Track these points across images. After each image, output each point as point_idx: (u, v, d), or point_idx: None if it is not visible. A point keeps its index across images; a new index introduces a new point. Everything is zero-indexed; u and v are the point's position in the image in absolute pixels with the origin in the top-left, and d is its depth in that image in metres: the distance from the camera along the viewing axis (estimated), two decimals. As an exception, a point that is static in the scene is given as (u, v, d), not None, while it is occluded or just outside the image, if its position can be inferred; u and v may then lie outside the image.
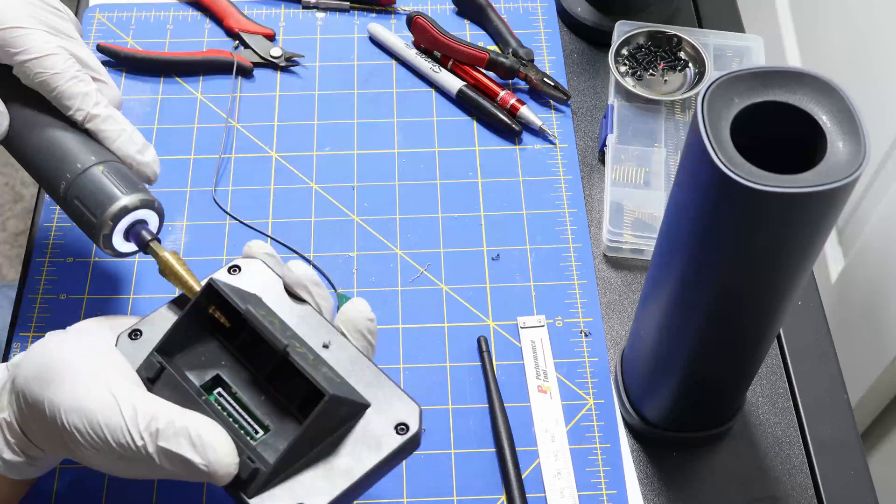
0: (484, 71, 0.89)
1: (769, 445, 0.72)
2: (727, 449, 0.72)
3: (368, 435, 0.56)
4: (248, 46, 0.92)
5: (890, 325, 1.01)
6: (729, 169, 0.49)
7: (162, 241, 0.65)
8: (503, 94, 0.88)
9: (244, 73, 0.91)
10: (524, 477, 0.69)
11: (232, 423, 0.56)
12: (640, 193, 0.81)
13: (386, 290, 0.78)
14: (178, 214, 0.82)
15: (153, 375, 0.57)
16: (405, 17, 0.92)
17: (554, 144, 0.87)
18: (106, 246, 0.64)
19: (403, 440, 0.56)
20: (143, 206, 0.63)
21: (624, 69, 0.87)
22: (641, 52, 0.88)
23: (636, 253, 0.80)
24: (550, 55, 0.93)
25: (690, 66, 0.87)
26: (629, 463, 0.71)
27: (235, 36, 0.93)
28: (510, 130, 0.87)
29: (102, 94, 0.68)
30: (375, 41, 0.94)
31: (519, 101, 0.87)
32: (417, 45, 0.92)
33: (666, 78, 0.87)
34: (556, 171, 0.85)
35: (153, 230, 0.65)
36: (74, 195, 0.63)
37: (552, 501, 0.69)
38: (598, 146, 0.87)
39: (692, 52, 0.87)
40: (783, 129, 0.52)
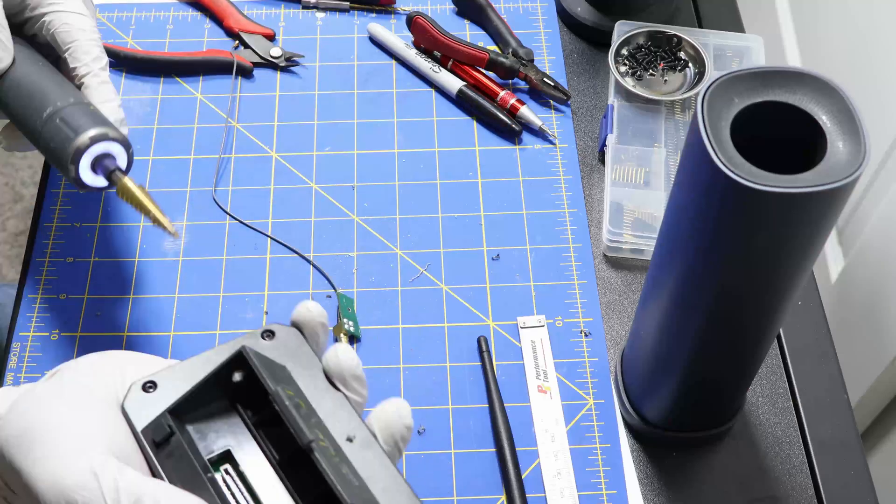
0: (484, 71, 0.89)
1: (769, 445, 0.72)
2: (727, 449, 0.72)
3: None
4: (248, 46, 0.92)
5: (890, 325, 1.01)
6: (729, 169, 0.49)
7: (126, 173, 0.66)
8: (503, 94, 0.88)
9: (244, 73, 0.91)
10: (524, 477, 0.69)
11: None
12: (640, 193, 0.81)
13: (386, 290, 0.78)
14: (178, 214, 0.82)
15: (160, 440, 0.53)
16: (405, 17, 0.92)
17: (554, 144, 0.87)
18: (75, 180, 0.65)
19: None
20: (107, 137, 0.64)
21: (624, 69, 0.87)
22: (641, 52, 0.88)
23: (636, 253, 0.80)
24: (550, 55, 0.93)
25: (690, 66, 0.87)
26: (629, 463, 0.71)
27: (235, 36, 0.93)
28: (510, 130, 0.87)
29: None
30: (375, 41, 0.94)
31: (519, 101, 0.87)
32: (417, 45, 0.92)
33: (666, 78, 0.87)
34: (556, 171, 0.85)
35: (122, 167, 0.66)
36: (48, 134, 0.65)
37: (552, 501, 0.69)
38: (598, 146, 0.87)
39: (692, 52, 0.87)
40: (783, 129, 0.52)
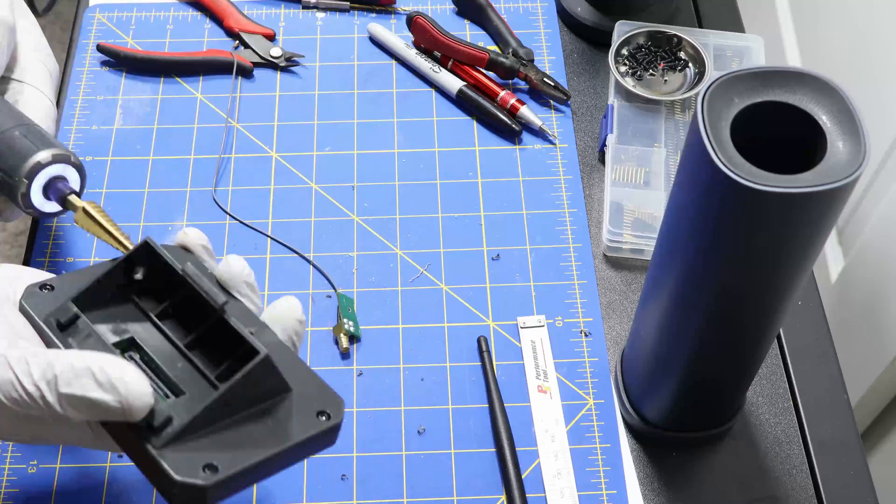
0: (484, 71, 0.89)
1: (769, 445, 0.72)
2: (727, 449, 0.72)
3: (289, 416, 0.54)
4: (248, 46, 0.92)
5: (890, 325, 1.01)
6: (729, 169, 0.49)
7: (81, 195, 0.64)
8: (503, 94, 0.88)
9: (244, 73, 0.91)
10: (524, 477, 0.69)
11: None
12: (640, 193, 0.81)
13: (386, 290, 0.78)
14: (178, 214, 0.82)
15: (65, 321, 0.54)
16: (405, 17, 0.92)
17: (554, 144, 0.87)
18: (27, 205, 0.63)
19: (324, 426, 0.54)
20: (57, 160, 0.63)
21: (624, 69, 0.87)
22: (641, 52, 0.88)
23: (636, 253, 0.80)
24: (550, 55, 0.93)
25: (690, 66, 0.87)
26: (629, 463, 0.71)
27: (235, 36, 0.93)
28: (510, 130, 0.87)
29: (24, 38, 0.69)
30: (375, 41, 0.94)
31: (519, 101, 0.87)
32: (417, 45, 0.92)
33: (666, 78, 0.87)
34: (556, 171, 0.85)
35: (75, 187, 0.64)
36: None
37: (552, 501, 0.69)
38: (598, 146, 0.87)
39: (692, 52, 0.87)
40: (783, 129, 0.52)
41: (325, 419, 0.54)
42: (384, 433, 0.72)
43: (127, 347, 0.56)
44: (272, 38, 0.93)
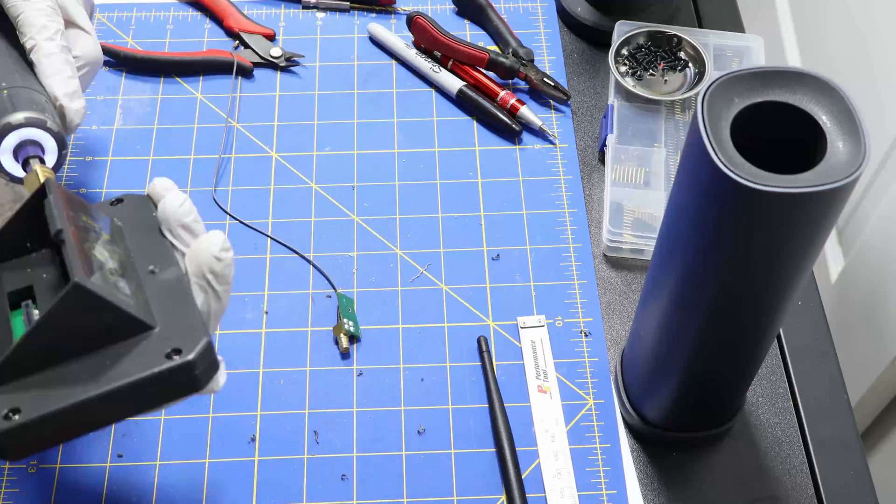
0: (484, 71, 0.89)
1: (769, 445, 0.72)
2: (727, 449, 0.72)
3: (136, 354, 0.49)
4: (248, 46, 0.92)
5: (890, 325, 1.01)
6: (729, 169, 0.49)
7: (55, 171, 0.61)
8: (503, 94, 0.88)
9: (244, 73, 0.91)
10: (524, 477, 0.69)
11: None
12: (640, 193, 0.81)
13: (386, 290, 0.78)
14: (178, 214, 0.82)
15: None
16: (405, 17, 0.92)
17: (554, 144, 0.87)
18: None
19: (167, 366, 0.49)
20: (29, 123, 0.59)
21: (624, 69, 0.87)
22: (641, 52, 0.88)
23: (636, 253, 0.80)
24: (550, 55, 0.93)
25: (690, 66, 0.87)
26: (629, 463, 0.71)
27: (235, 36, 0.93)
28: (510, 130, 0.87)
29: (76, 43, 0.67)
30: (375, 41, 0.94)
31: (519, 101, 0.87)
32: (417, 45, 0.92)
33: (666, 78, 0.87)
34: (556, 171, 0.85)
35: (51, 157, 0.61)
36: None
37: (552, 501, 0.69)
38: (598, 146, 0.87)
39: (692, 52, 0.87)
40: (783, 129, 0.52)
41: (174, 358, 0.49)
42: (384, 433, 0.72)
43: (22, 297, 0.53)
44: (272, 38, 0.93)
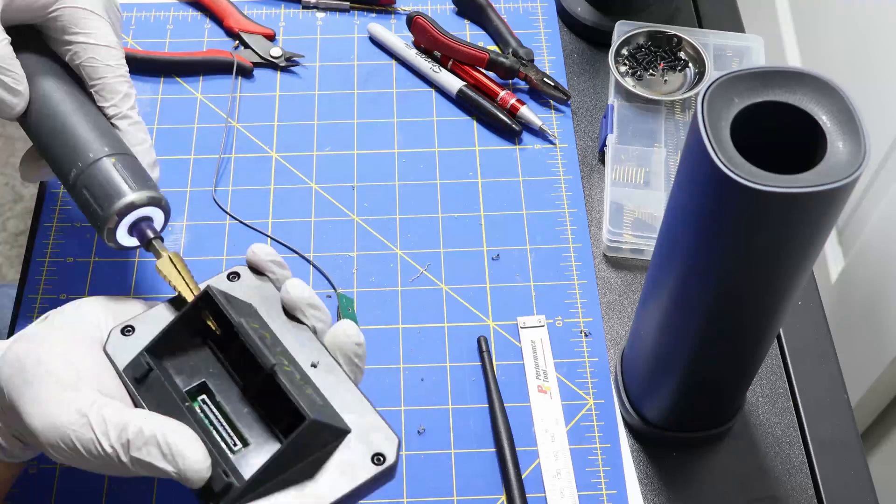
0: (484, 71, 0.89)
1: (769, 445, 0.72)
2: (727, 449, 0.72)
3: (345, 462, 0.55)
4: (248, 46, 0.92)
5: (890, 325, 1.01)
6: (729, 169, 0.49)
7: (164, 239, 0.65)
8: (503, 94, 0.88)
9: (244, 73, 0.91)
10: (524, 477, 0.69)
11: (212, 431, 0.56)
12: (640, 193, 0.81)
13: (386, 290, 0.78)
14: (178, 214, 0.82)
15: (140, 376, 0.58)
16: (405, 17, 0.92)
17: (554, 144, 0.87)
18: (109, 239, 0.64)
19: (378, 471, 0.55)
20: (150, 203, 0.63)
21: (624, 69, 0.87)
22: (641, 52, 0.88)
23: (636, 253, 0.80)
24: (550, 55, 0.93)
25: (690, 66, 0.87)
26: (629, 463, 0.71)
27: (235, 36, 0.93)
28: (510, 130, 0.87)
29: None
30: (375, 41, 0.94)
31: (519, 101, 0.87)
32: (417, 45, 0.92)
33: (666, 78, 0.87)
34: (556, 171, 0.85)
35: (158, 227, 0.65)
36: (83, 184, 0.63)
37: (552, 501, 0.69)
38: (598, 146, 0.87)
39: (692, 52, 0.87)
40: (783, 129, 0.52)
41: (379, 463, 0.55)
42: (384, 433, 0.72)
43: (198, 392, 0.59)
44: (272, 38, 0.93)
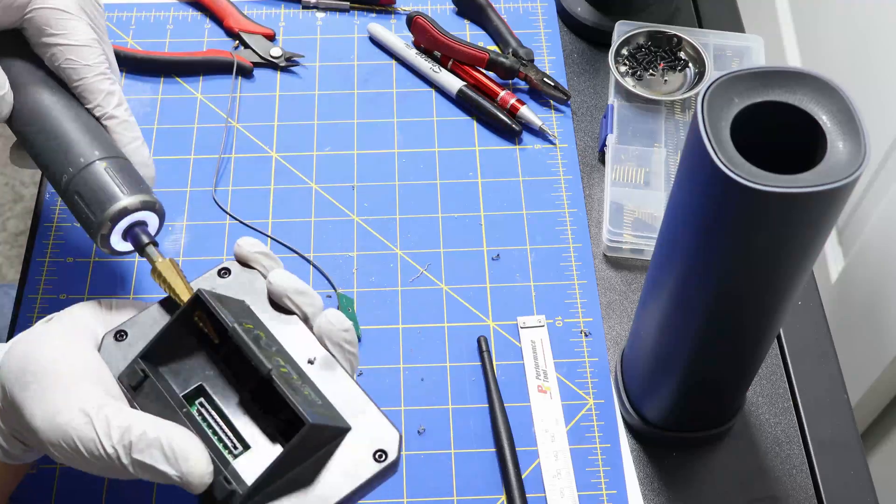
0: (484, 71, 0.89)
1: (769, 445, 0.72)
2: (727, 449, 0.72)
3: (347, 460, 0.55)
4: (248, 46, 0.92)
5: (890, 325, 1.01)
6: (729, 169, 0.49)
7: (160, 242, 0.64)
8: (503, 94, 0.88)
9: (244, 73, 0.91)
10: (524, 477, 0.69)
11: (211, 435, 0.56)
12: (640, 193, 0.81)
13: (386, 290, 0.78)
14: (178, 214, 0.82)
15: (135, 384, 0.57)
16: (405, 17, 0.92)
17: (554, 144, 0.87)
18: (103, 245, 0.63)
19: (380, 468, 0.55)
20: (143, 207, 0.62)
21: (624, 69, 0.87)
22: (641, 52, 0.88)
23: (636, 253, 0.80)
24: (550, 55, 0.93)
25: (690, 66, 0.87)
26: (629, 463, 0.71)
27: (235, 36, 0.93)
28: (510, 130, 0.87)
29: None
30: (375, 41, 0.94)
31: (519, 101, 0.87)
32: (417, 45, 0.92)
33: (666, 78, 0.87)
34: (556, 171, 0.85)
35: (153, 231, 0.64)
36: (75, 190, 0.62)
37: (552, 501, 0.69)
38: (598, 146, 0.87)
39: (692, 52, 0.87)
40: (783, 129, 0.52)
41: (381, 460, 0.55)
42: (384, 433, 0.71)
43: (195, 396, 0.58)
44: (272, 38, 0.93)
